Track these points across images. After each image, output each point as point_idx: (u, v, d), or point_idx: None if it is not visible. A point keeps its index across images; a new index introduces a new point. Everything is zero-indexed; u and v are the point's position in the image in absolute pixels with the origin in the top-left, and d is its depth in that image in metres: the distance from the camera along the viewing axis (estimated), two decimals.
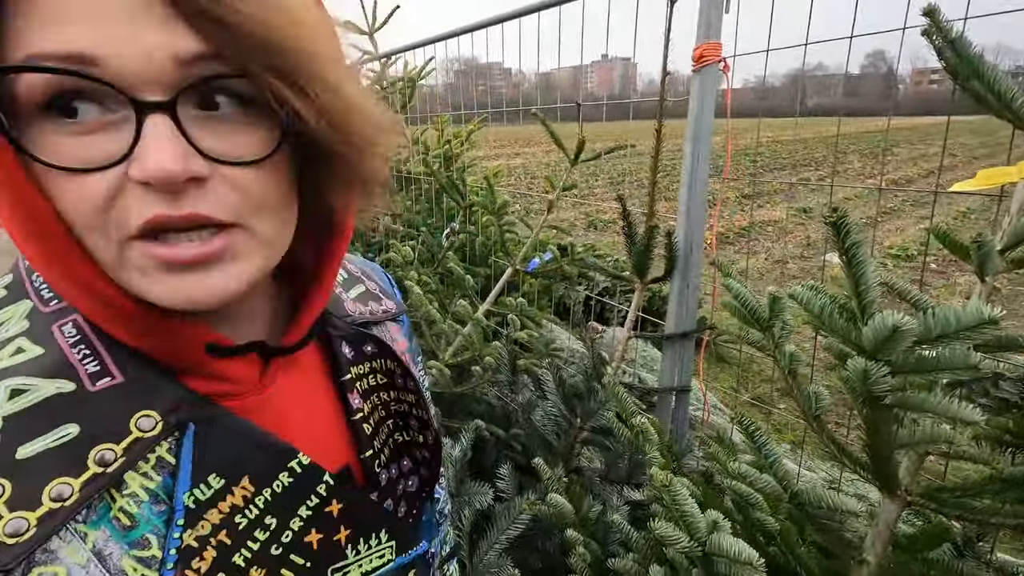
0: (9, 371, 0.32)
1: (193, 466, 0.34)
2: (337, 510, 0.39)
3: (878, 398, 0.66)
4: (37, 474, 0.30)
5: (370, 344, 0.48)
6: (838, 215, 0.59)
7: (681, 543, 0.70)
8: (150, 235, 0.29)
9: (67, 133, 0.28)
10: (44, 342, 0.34)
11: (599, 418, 1.26)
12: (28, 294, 0.36)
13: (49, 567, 0.29)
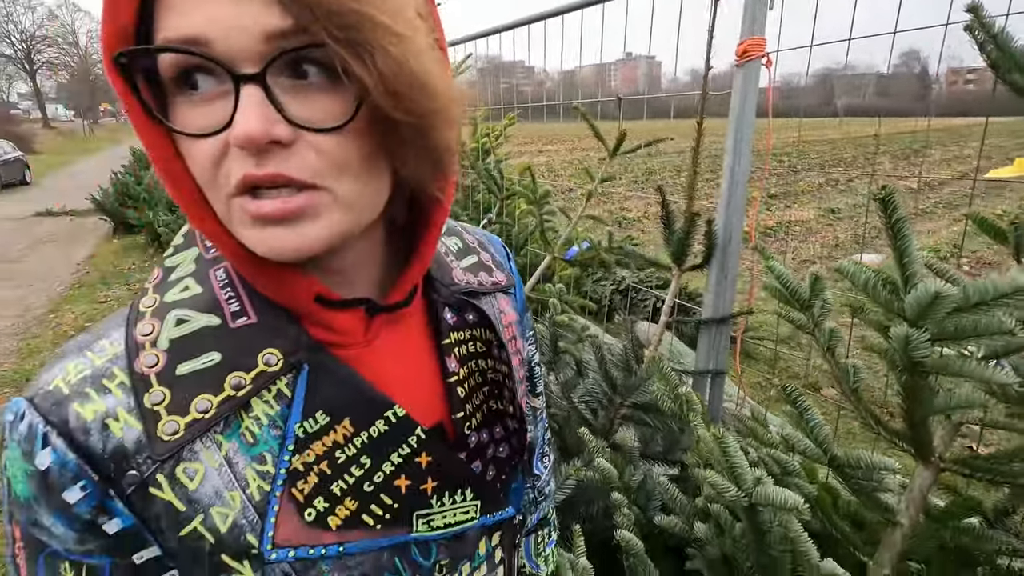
0: (178, 304, 0.39)
1: (304, 402, 0.39)
2: (425, 462, 0.43)
3: (918, 364, 0.72)
4: (188, 388, 0.37)
5: (472, 313, 0.50)
6: (886, 192, 0.65)
7: (730, 492, 0.77)
8: (246, 192, 0.33)
9: (191, 104, 0.33)
10: (203, 283, 0.40)
11: (639, 394, 1.33)
12: (196, 243, 0.43)
13: (192, 464, 0.36)
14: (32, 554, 0.36)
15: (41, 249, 7.62)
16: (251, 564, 0.37)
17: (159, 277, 0.41)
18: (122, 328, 0.39)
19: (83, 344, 0.39)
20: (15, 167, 14.57)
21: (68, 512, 0.34)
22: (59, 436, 0.34)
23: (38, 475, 0.34)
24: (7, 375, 3.73)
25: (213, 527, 0.36)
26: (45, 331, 4.58)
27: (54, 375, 0.36)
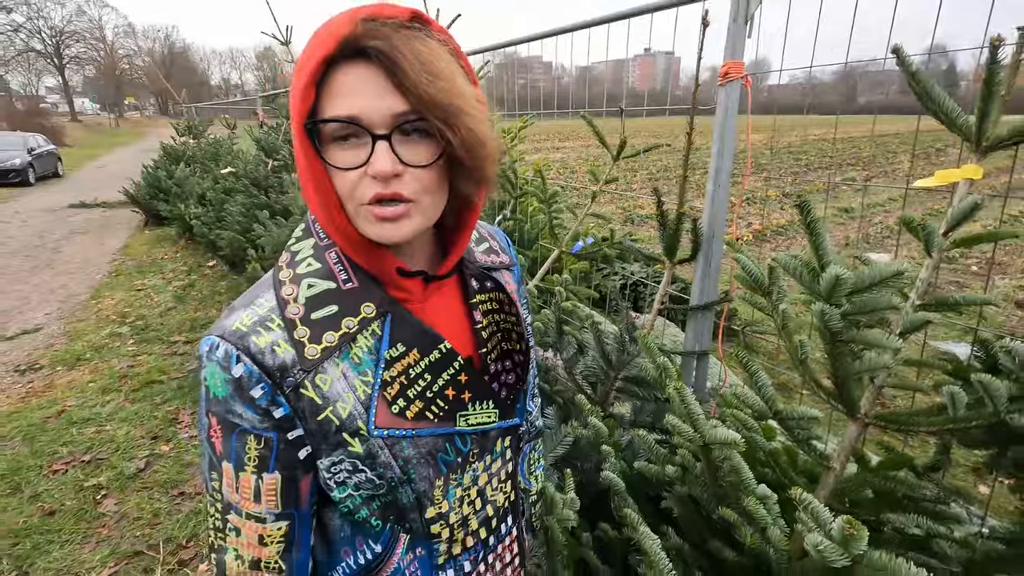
0: (307, 275, 0.60)
1: (390, 337, 0.60)
2: (463, 379, 0.64)
3: (835, 333, 0.93)
4: (319, 328, 0.57)
5: (489, 282, 0.73)
6: (802, 199, 0.86)
7: (688, 433, 0.98)
8: (374, 203, 0.55)
9: (343, 150, 0.54)
10: (320, 260, 0.61)
11: (631, 368, 1.54)
12: (313, 235, 0.64)
13: (324, 375, 0.57)
14: (227, 432, 0.56)
15: (77, 239, 8.00)
16: (359, 439, 0.58)
17: (288, 258, 0.62)
18: (271, 291, 0.60)
19: (246, 302, 0.59)
20: (48, 160, 15.10)
21: (253, 403, 0.55)
22: (246, 356, 0.55)
23: (233, 381, 0.55)
24: (59, 354, 4.04)
25: (337, 414, 0.57)
26: (88, 315, 4.90)
27: (233, 320, 0.57)
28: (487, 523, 0.71)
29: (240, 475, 0.57)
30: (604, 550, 1.32)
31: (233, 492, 0.57)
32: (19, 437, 2.93)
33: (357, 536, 0.64)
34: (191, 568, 2.05)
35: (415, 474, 0.61)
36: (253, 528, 0.58)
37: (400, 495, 0.61)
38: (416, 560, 0.65)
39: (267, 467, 0.57)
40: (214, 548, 0.60)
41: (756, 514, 0.91)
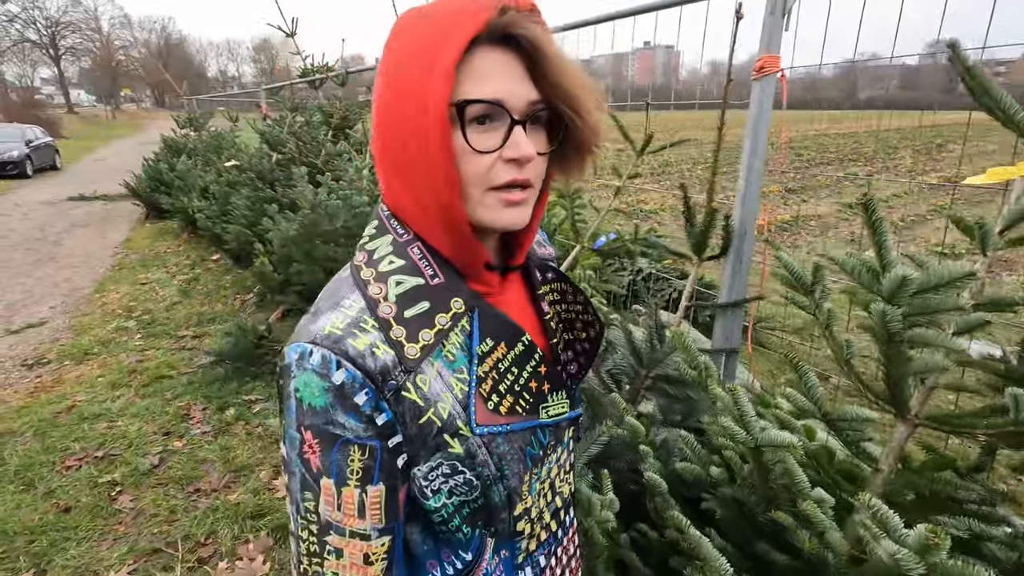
0: (392, 272, 0.57)
1: (479, 332, 0.58)
2: (543, 371, 0.62)
3: (893, 334, 0.91)
4: (414, 326, 0.54)
5: (550, 272, 0.72)
6: (867, 198, 0.83)
7: (740, 436, 0.96)
8: (502, 188, 0.54)
9: (479, 132, 0.53)
10: (403, 257, 0.58)
11: (662, 367, 1.52)
12: (388, 231, 0.60)
13: (422, 376, 0.54)
14: (327, 446, 0.52)
15: (79, 232, 7.95)
16: (458, 440, 0.56)
17: (366, 257, 0.59)
18: (356, 291, 0.56)
19: (330, 304, 0.56)
20: (46, 152, 14.99)
21: (357, 410, 0.51)
22: (347, 360, 0.51)
23: (334, 388, 0.51)
24: (66, 349, 4.01)
25: (439, 415, 0.55)
26: (93, 309, 4.87)
27: (322, 325, 0.53)
28: (556, 515, 0.71)
29: (343, 490, 0.53)
30: (641, 551, 1.31)
31: (334, 510, 0.53)
32: (30, 432, 2.91)
33: (443, 549, 0.61)
34: (211, 566, 2.04)
35: (508, 470, 0.59)
36: (358, 547, 0.54)
37: (493, 494, 0.59)
38: (501, 563, 0.64)
39: (371, 479, 0.53)
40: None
41: (815, 518, 0.90)
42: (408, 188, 0.56)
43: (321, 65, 5.69)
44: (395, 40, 0.55)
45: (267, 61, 65.99)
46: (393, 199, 0.59)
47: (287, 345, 0.54)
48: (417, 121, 0.51)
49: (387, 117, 0.54)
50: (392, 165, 0.56)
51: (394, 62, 0.54)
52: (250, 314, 4.61)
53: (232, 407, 3.12)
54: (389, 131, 0.54)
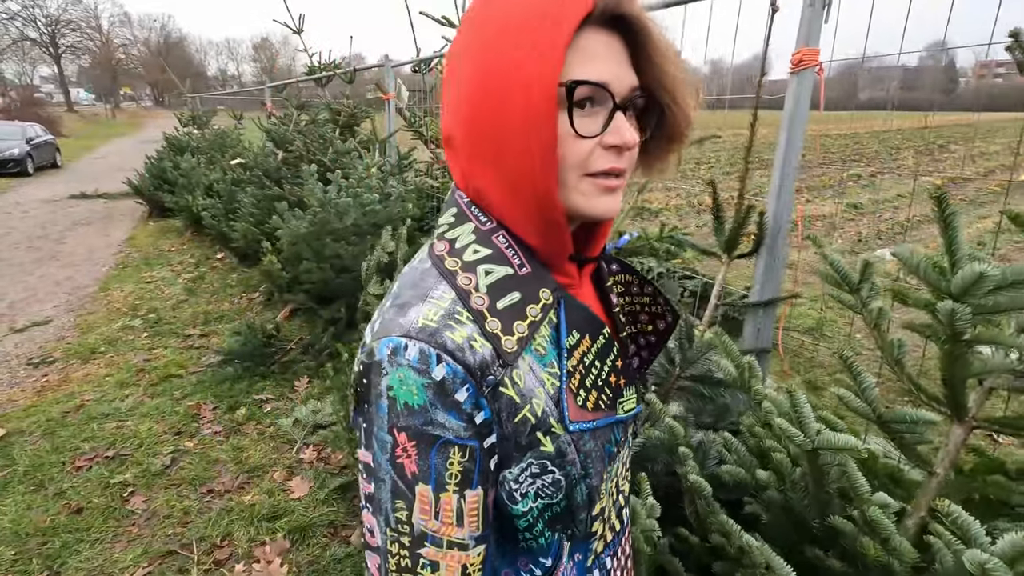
0: (479, 261, 0.53)
1: (566, 324, 0.55)
2: (619, 364, 0.60)
3: (959, 333, 0.88)
4: (508, 317, 0.51)
5: (615, 264, 0.70)
6: (940, 192, 0.80)
7: (798, 438, 0.93)
8: (600, 175, 0.52)
9: (580, 116, 0.50)
10: (488, 246, 0.54)
11: (697, 366, 1.49)
12: (469, 219, 0.56)
13: (517, 370, 0.51)
14: (425, 448, 0.48)
15: (80, 231, 7.90)
16: (550, 438, 0.52)
17: (448, 246, 0.55)
18: (443, 282, 0.52)
19: (418, 295, 0.52)
20: (46, 150, 14.93)
21: (458, 408, 0.47)
22: (446, 354, 0.47)
23: (435, 384, 0.47)
24: (72, 347, 3.97)
25: (534, 412, 0.51)
26: (98, 307, 4.82)
27: (414, 317, 0.49)
28: (620, 514, 0.68)
29: (441, 496, 0.49)
30: (680, 555, 1.27)
31: (431, 519, 0.49)
32: (39, 432, 2.87)
33: (520, 557, 0.58)
34: (227, 568, 2.00)
35: (592, 468, 0.56)
36: (456, 559, 0.50)
37: (576, 494, 0.55)
38: (574, 567, 0.61)
39: (470, 483, 0.49)
40: None
41: (879, 524, 0.86)
42: (499, 174, 0.53)
43: (328, 63, 5.66)
44: (485, 16, 0.51)
45: (267, 60, 65.89)
46: (474, 186, 0.56)
47: (373, 340, 0.50)
48: (519, 102, 0.48)
49: (479, 99, 0.50)
50: (480, 150, 0.52)
51: (487, 41, 0.50)
52: (257, 313, 4.58)
53: (243, 407, 3.09)
54: (481, 114, 0.51)
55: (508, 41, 0.48)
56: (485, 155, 0.52)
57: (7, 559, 2.03)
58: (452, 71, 0.54)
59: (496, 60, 0.49)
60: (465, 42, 0.53)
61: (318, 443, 2.75)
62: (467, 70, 0.51)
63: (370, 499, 0.51)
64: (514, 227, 0.55)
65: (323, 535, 2.15)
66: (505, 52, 0.48)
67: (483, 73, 0.50)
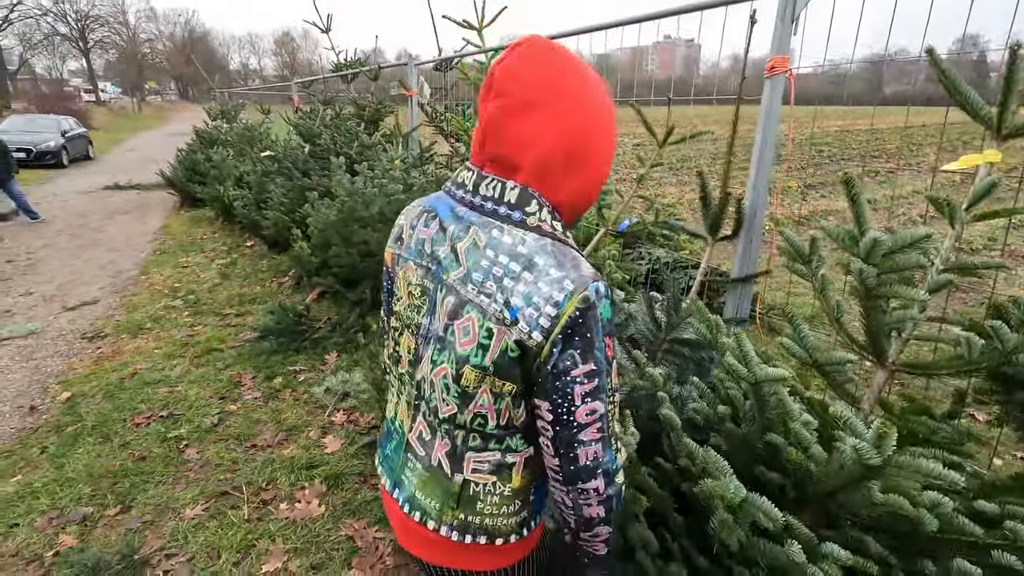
0: (564, 231, 0.83)
1: None
2: None
3: (870, 289, 1.12)
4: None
5: None
6: (846, 176, 1.04)
7: (742, 372, 1.18)
8: None
9: None
10: (559, 221, 0.82)
11: (680, 330, 1.74)
12: (544, 205, 0.80)
13: None
14: (614, 340, 0.80)
15: (118, 219, 8.34)
16: None
17: (551, 226, 0.80)
18: (568, 247, 0.79)
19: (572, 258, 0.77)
20: (80, 143, 15.51)
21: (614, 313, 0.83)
22: (608, 285, 0.79)
23: (614, 303, 0.89)
24: (121, 323, 4.33)
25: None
26: (141, 289, 5.19)
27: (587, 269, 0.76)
28: None
29: (614, 364, 0.81)
30: (656, 480, 1.52)
31: (616, 376, 0.81)
32: (100, 395, 3.22)
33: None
34: (273, 507, 2.30)
35: None
36: (618, 396, 0.83)
37: None
38: None
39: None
40: (612, 433, 0.82)
41: (800, 435, 1.11)
42: (579, 183, 0.81)
43: (354, 60, 5.94)
44: (579, 83, 0.77)
45: (288, 55, 66.68)
46: (554, 184, 0.80)
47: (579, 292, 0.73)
48: (604, 152, 0.82)
49: (580, 140, 0.78)
50: (573, 167, 0.79)
51: (586, 104, 0.77)
52: (287, 295, 4.90)
53: (279, 376, 3.40)
54: (580, 148, 0.78)
55: (602, 113, 0.80)
56: (575, 171, 0.80)
57: (85, 494, 2.36)
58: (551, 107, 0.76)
59: (595, 121, 0.79)
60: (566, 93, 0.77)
61: (347, 408, 3.05)
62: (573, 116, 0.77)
63: (591, 393, 0.77)
64: (563, 209, 0.83)
65: (354, 482, 2.44)
66: (601, 118, 0.80)
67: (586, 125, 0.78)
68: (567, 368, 0.75)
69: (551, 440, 0.81)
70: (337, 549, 2.08)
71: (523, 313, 0.74)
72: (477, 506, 0.89)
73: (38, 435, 2.83)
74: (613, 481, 0.84)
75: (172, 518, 2.24)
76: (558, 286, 0.73)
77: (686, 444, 1.29)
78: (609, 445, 0.82)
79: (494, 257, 0.77)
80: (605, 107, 0.80)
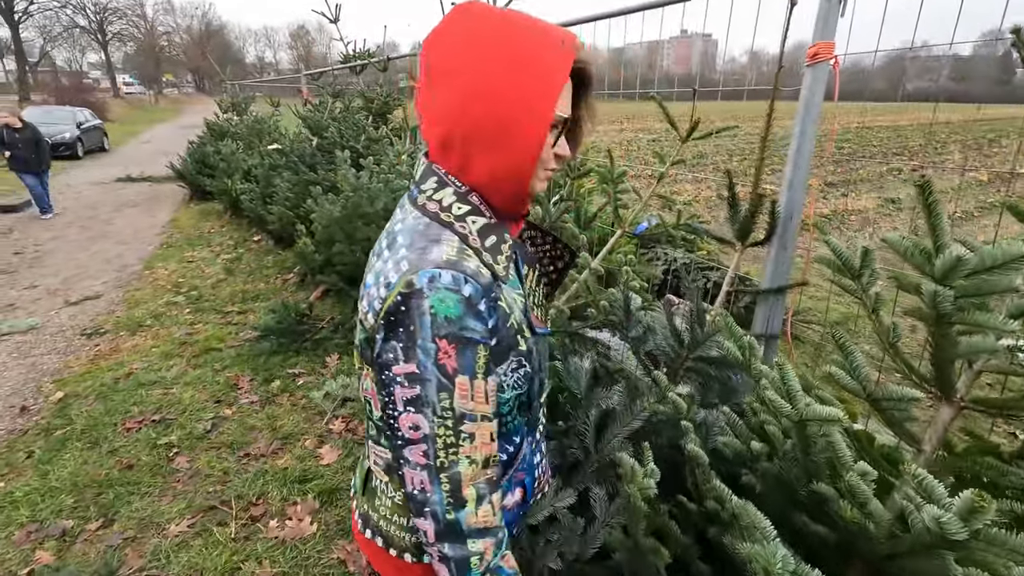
0: (466, 214, 0.73)
1: (521, 260, 0.81)
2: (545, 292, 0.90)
3: (943, 315, 0.93)
4: (493, 252, 0.73)
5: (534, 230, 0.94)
6: (923, 180, 0.86)
7: (785, 409, 1.00)
8: (549, 171, 0.76)
9: (551, 135, 0.72)
10: (468, 203, 0.73)
11: (705, 348, 1.56)
12: (448, 184, 0.74)
13: (503, 289, 0.74)
14: (462, 348, 0.65)
15: (127, 212, 8.29)
16: (525, 340, 0.75)
17: (437, 205, 0.73)
18: (444, 230, 0.71)
19: (432, 239, 0.69)
20: (95, 134, 15.57)
21: (480, 316, 0.66)
22: (471, 277, 0.66)
23: (465, 300, 0.65)
24: (121, 320, 4.24)
25: (516, 320, 0.74)
26: (144, 284, 5.10)
27: (437, 255, 0.67)
28: (541, 408, 0.92)
29: (475, 383, 0.66)
30: (679, 521, 1.35)
31: (468, 401, 0.66)
32: (92, 396, 3.11)
33: (499, 441, 0.79)
34: (262, 524, 2.17)
35: (542, 365, 0.80)
36: (486, 428, 0.68)
37: (533, 385, 0.78)
38: (528, 447, 0.85)
39: (489, 372, 0.68)
40: (443, 468, 0.66)
41: (857, 489, 0.93)
42: (492, 162, 0.69)
43: (363, 51, 5.79)
44: (489, 48, 0.65)
45: (303, 47, 66.87)
46: (462, 163, 0.71)
47: (406, 276, 0.65)
48: (526, 126, 0.66)
49: (485, 113, 0.65)
50: (481, 145, 0.68)
51: (498, 71, 0.64)
52: (291, 293, 4.78)
53: (277, 379, 3.27)
54: (486, 124, 0.66)
55: (520, 78, 0.64)
56: (486, 150, 0.68)
57: (67, 505, 2.24)
58: (455, 80, 0.66)
59: (509, 90, 0.64)
60: (470, 63, 0.65)
61: (346, 415, 2.91)
62: (479, 89, 0.65)
63: (413, 401, 0.66)
64: (485, 192, 0.73)
65: (350, 498, 2.30)
66: (518, 86, 0.65)
67: (497, 98, 0.65)
68: (388, 362, 0.67)
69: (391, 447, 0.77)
70: (328, 574, 1.93)
71: (368, 292, 0.71)
72: (375, 502, 0.85)
73: (26, 438, 2.72)
74: (450, 537, 0.68)
75: (155, 534, 2.11)
76: (396, 266, 0.67)
77: (715, 487, 1.12)
78: (439, 483, 0.67)
79: (381, 237, 0.77)
80: (533, 81, 0.64)
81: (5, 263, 5.73)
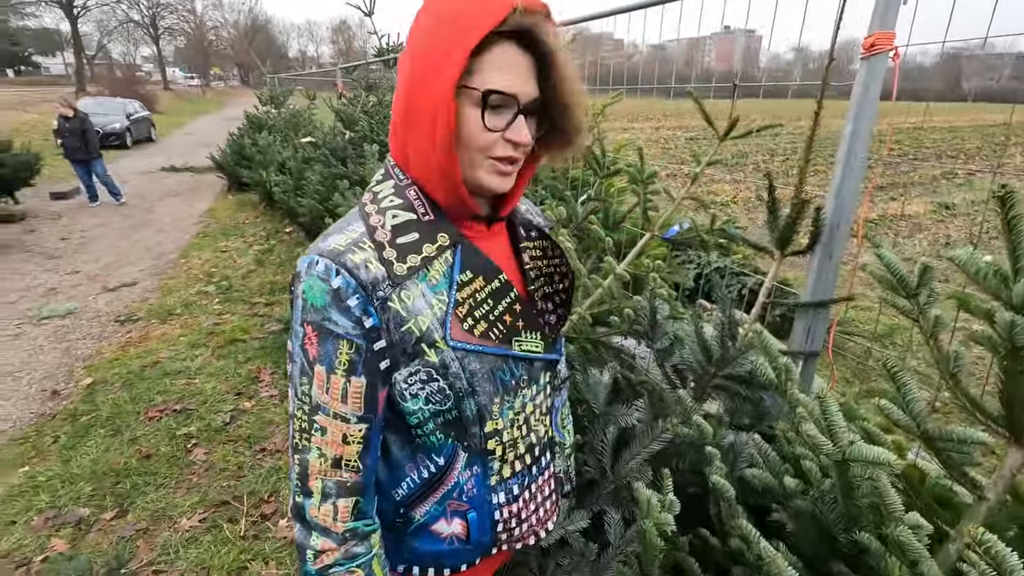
0: (390, 207, 0.69)
1: (460, 264, 0.69)
2: (518, 309, 0.74)
3: (1019, 348, 0.80)
4: (404, 251, 0.66)
5: (534, 231, 0.84)
6: (1006, 190, 0.72)
7: (827, 447, 0.88)
8: (498, 160, 0.66)
9: (492, 114, 0.64)
10: (402, 197, 0.70)
11: (736, 366, 1.43)
12: (391, 177, 0.72)
13: (407, 291, 0.66)
14: (322, 338, 0.63)
15: (169, 201, 8.53)
16: (434, 350, 0.67)
17: (371, 196, 0.71)
18: (359, 220, 0.68)
19: (338, 229, 0.67)
20: (143, 125, 16.14)
21: (348, 312, 0.62)
22: (344, 270, 0.62)
23: (332, 291, 0.62)
24: (153, 308, 4.32)
25: (418, 326, 0.66)
26: (179, 273, 5.21)
27: (330, 243, 0.64)
28: (531, 450, 0.80)
29: (331, 377, 0.64)
30: (699, 556, 1.24)
31: (323, 393, 0.64)
32: (119, 383, 3.16)
33: (419, 453, 0.73)
34: (272, 522, 2.14)
35: (479, 388, 0.70)
36: (338, 427, 0.65)
37: (465, 407, 0.70)
38: (473, 478, 0.74)
39: (355, 371, 0.64)
40: (297, 449, 0.67)
41: (908, 546, 0.81)
42: (418, 144, 0.66)
43: (397, 44, 5.77)
44: (424, 17, 0.64)
45: (344, 42, 68.04)
46: (402, 151, 0.70)
47: (302, 258, 0.66)
48: (435, 95, 0.61)
49: (411, 84, 0.63)
50: (408, 124, 0.66)
51: (422, 38, 0.63)
52: None
53: None
54: (412, 97, 0.64)
55: (430, 45, 0.62)
56: (411, 130, 0.66)
57: (85, 493, 2.27)
58: (402, 57, 0.67)
59: (421, 60, 0.62)
60: (412, 36, 0.65)
61: None
62: (411, 61, 0.64)
63: (289, 376, 0.68)
64: (427, 187, 0.69)
65: None
66: (428, 54, 0.62)
67: (418, 66, 0.62)
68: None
69: None
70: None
71: None
72: None
73: (54, 423, 2.78)
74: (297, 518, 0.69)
75: (167, 528, 2.10)
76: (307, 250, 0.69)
77: (742, 527, 1.00)
78: (295, 463, 0.68)
79: None
80: (443, 39, 0.61)
81: (52, 248, 5.95)
